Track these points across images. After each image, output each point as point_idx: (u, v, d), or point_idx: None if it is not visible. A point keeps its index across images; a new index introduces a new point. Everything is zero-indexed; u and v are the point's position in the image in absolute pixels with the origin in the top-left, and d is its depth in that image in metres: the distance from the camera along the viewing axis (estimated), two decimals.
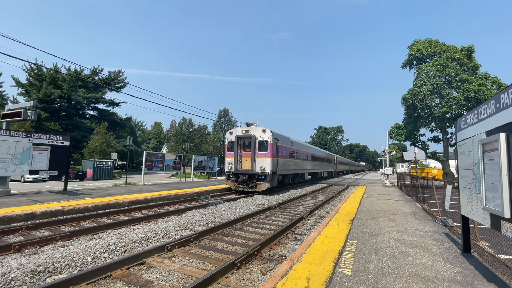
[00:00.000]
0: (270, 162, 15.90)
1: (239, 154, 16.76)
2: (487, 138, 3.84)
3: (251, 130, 16.61)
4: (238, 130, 17.14)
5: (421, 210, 10.20)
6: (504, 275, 4.01)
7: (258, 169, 15.79)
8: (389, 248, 5.38)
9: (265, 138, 16.26)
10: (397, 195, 15.57)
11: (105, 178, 33.75)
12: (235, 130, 17.34)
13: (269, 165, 15.81)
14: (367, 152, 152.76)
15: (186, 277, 4.59)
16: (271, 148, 16.13)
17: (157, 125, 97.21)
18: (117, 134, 51.27)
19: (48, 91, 41.70)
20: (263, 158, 15.94)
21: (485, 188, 3.85)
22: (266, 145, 16.13)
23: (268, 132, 16.41)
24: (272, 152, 16.11)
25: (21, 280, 4.13)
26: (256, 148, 16.21)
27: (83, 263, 4.95)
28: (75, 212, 9.28)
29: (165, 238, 6.72)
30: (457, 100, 23.45)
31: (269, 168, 15.74)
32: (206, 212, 10.11)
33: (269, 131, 16.37)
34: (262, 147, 16.21)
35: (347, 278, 3.90)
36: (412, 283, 3.77)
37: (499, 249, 5.22)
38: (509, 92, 3.33)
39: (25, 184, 24.37)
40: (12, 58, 52.42)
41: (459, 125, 5.38)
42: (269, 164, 15.84)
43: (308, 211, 10.67)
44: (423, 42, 28.25)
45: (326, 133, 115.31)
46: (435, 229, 7.14)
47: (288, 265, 4.35)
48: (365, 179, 38.12)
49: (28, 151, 12.44)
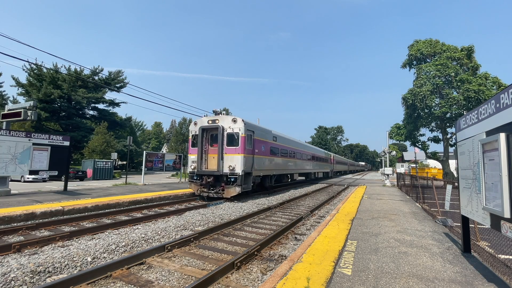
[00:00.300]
0: (241, 160, 12.92)
1: (204, 150, 13.82)
2: (487, 138, 3.84)
3: (218, 120, 13.59)
4: (203, 120, 14.10)
5: (421, 210, 10.19)
6: (504, 275, 4.01)
7: (226, 169, 12.89)
8: (389, 248, 5.38)
9: (236, 129, 13.26)
10: (397, 195, 15.56)
11: (105, 178, 33.76)
12: (200, 121, 14.21)
13: (240, 163, 12.85)
14: (367, 152, 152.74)
15: (186, 277, 4.59)
16: (243, 142, 13.18)
17: (157, 125, 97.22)
18: (117, 134, 51.29)
19: (48, 91, 41.72)
20: (232, 155, 13.05)
21: (485, 188, 3.85)
22: (237, 139, 13.18)
23: (239, 122, 13.35)
24: (244, 147, 13.19)
25: (21, 280, 4.13)
26: (224, 143, 13.28)
27: (83, 263, 4.95)
28: (75, 212, 9.27)
29: (165, 238, 6.72)
30: (457, 100, 23.46)
31: (240, 167, 12.82)
32: (206, 212, 10.11)
33: (241, 121, 13.40)
34: (232, 141, 13.28)
35: (347, 278, 3.90)
36: (412, 283, 3.77)
37: (499, 249, 5.22)
38: (509, 92, 3.33)
39: (25, 184, 24.37)
40: (12, 58, 52.26)
41: (459, 125, 5.38)
42: (240, 162, 12.87)
43: (308, 211, 10.67)
44: (423, 42, 28.26)
45: (326, 133, 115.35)
46: (435, 229, 7.13)
47: (288, 265, 4.35)
48: (365, 179, 38.12)
49: (28, 151, 12.44)
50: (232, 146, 13.23)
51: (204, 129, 13.85)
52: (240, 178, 12.71)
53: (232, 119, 13.52)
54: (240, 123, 13.38)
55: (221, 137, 13.25)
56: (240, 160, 12.93)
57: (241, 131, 13.24)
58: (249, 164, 13.67)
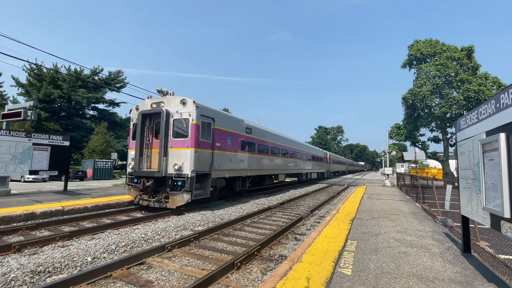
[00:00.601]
0: (191, 156, 9.66)
1: (146, 143, 10.61)
2: (487, 138, 3.84)
3: (164, 103, 10.40)
4: (146, 102, 10.86)
5: (421, 210, 10.20)
6: (504, 275, 4.01)
7: (171, 169, 9.70)
8: (389, 248, 5.38)
9: (185, 115, 10.00)
10: (397, 195, 15.57)
11: (105, 178, 33.77)
12: (142, 104, 11.02)
13: (189, 161, 9.62)
14: (367, 152, 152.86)
15: (186, 277, 4.59)
16: (195, 132, 9.87)
17: None
18: (117, 134, 51.29)
19: (48, 91, 41.74)
20: (180, 150, 9.87)
21: (485, 188, 3.85)
22: (186, 127, 9.95)
23: (189, 105, 10.05)
24: (195, 139, 9.86)
25: (21, 280, 4.13)
26: (169, 133, 10.06)
27: (83, 263, 4.95)
28: (75, 212, 9.27)
29: (165, 238, 6.72)
30: (457, 100, 23.46)
31: (190, 166, 9.59)
32: (206, 212, 10.11)
33: (192, 103, 10.05)
34: (180, 130, 10.07)
35: (347, 278, 3.90)
36: (412, 283, 3.77)
37: (499, 249, 5.22)
38: (509, 92, 3.33)
39: (25, 184, 24.38)
40: (12, 58, 52.21)
41: (459, 125, 5.38)
42: (190, 159, 9.63)
43: (308, 211, 10.67)
44: (423, 42, 28.28)
45: (326, 133, 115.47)
46: (435, 229, 7.14)
47: (288, 265, 4.35)
48: (365, 179, 38.14)
49: (28, 151, 12.44)
50: (180, 138, 9.99)
51: (145, 115, 10.52)
52: (189, 181, 9.50)
53: (180, 101, 10.17)
54: (190, 106, 10.03)
55: (165, 125, 9.95)
56: (190, 157, 9.66)
57: (192, 117, 9.96)
58: (205, 162, 10.41)
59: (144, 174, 10.14)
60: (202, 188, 10.49)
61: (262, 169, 16.16)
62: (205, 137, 10.60)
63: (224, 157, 11.90)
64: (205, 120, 10.64)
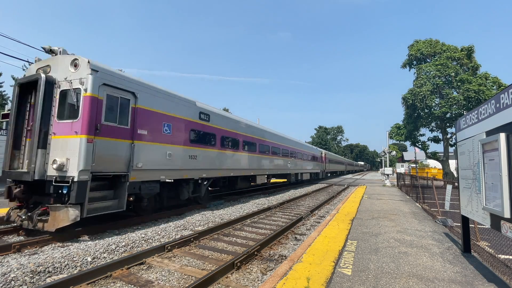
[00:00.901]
0: (82, 148, 6.29)
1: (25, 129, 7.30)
2: (487, 138, 3.84)
3: (49, 67, 7.16)
4: (31, 68, 7.73)
5: (421, 210, 10.20)
6: (504, 275, 4.01)
7: (51, 170, 6.40)
8: (389, 248, 5.38)
9: (75, 83, 6.61)
10: (397, 195, 15.57)
11: None
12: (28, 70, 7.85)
13: (78, 155, 6.25)
14: (367, 152, 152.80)
15: (186, 277, 4.59)
16: (89, 109, 6.49)
17: None
18: None
19: None
20: (65, 138, 6.55)
21: (485, 188, 3.85)
22: (76, 103, 6.53)
23: (83, 67, 6.65)
24: (89, 120, 6.47)
25: (21, 280, 4.13)
26: (52, 112, 6.80)
27: (83, 263, 4.95)
28: None
29: (165, 238, 6.72)
30: (457, 100, 23.47)
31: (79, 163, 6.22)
32: (206, 212, 10.11)
33: (86, 63, 6.62)
34: (66, 107, 6.74)
35: (347, 278, 3.90)
36: (412, 283, 3.77)
37: (499, 249, 5.22)
38: (509, 92, 3.33)
39: None
40: (12, 58, 52.19)
41: (459, 125, 5.38)
42: (80, 153, 6.27)
43: (308, 211, 10.67)
44: (423, 42, 28.29)
45: (326, 133, 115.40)
46: (435, 229, 7.14)
47: (288, 265, 4.36)
48: (365, 179, 38.15)
49: None
50: (67, 120, 6.62)
51: (23, 86, 7.24)
52: (77, 187, 6.11)
53: (71, 62, 6.80)
54: (84, 70, 6.63)
55: (42, 100, 6.65)
56: (79, 148, 6.29)
57: (86, 86, 6.53)
58: (114, 157, 7.07)
59: (12, 177, 6.83)
60: (112, 198, 7.17)
61: (229, 169, 12.77)
62: (115, 120, 7.18)
63: (158, 151, 8.46)
64: (115, 93, 7.20)
